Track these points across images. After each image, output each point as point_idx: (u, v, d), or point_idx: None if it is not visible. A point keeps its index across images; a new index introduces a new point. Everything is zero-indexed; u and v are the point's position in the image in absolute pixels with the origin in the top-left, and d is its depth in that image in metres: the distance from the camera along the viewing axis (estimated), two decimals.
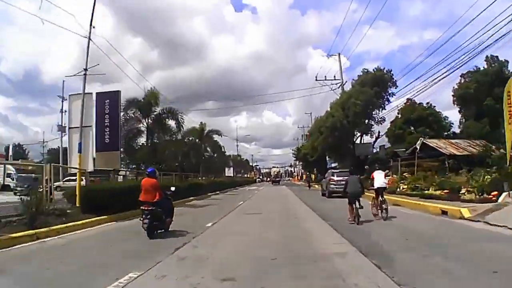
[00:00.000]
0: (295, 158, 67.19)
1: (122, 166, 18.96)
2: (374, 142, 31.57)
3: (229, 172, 53.06)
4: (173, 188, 9.65)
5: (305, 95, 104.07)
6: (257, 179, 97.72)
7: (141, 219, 7.81)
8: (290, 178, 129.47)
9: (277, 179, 75.87)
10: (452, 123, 39.56)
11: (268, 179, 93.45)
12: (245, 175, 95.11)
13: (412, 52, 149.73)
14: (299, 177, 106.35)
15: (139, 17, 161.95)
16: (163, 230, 8.21)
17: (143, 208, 7.78)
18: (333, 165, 39.78)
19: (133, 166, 25.75)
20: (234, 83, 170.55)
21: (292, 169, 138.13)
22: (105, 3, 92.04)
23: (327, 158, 40.02)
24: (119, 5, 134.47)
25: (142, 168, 20.54)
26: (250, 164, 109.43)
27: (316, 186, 41.74)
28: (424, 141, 24.42)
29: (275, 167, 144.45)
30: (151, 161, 19.76)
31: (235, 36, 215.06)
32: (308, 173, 52.88)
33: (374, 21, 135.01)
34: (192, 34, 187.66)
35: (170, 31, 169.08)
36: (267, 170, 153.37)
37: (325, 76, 32.36)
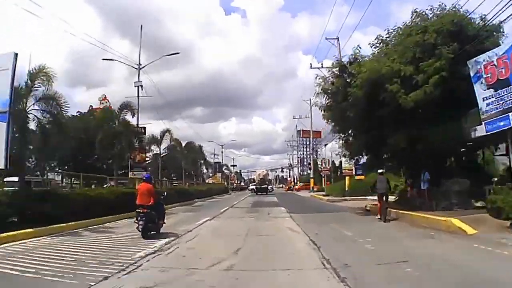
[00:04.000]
0: (322, 111, 15.95)
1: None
2: None
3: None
4: (165, 193, 11.55)
5: None
6: (230, 188, 63.71)
7: (136, 221, 8.63)
8: (283, 185, 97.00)
9: (264, 186, 46.60)
10: None
11: (252, 187, 56.24)
12: (209, 180, 62.23)
13: None
14: (295, 184, 69.04)
15: (127, 19, 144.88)
16: (154, 232, 8.90)
17: (139, 210, 8.65)
18: None
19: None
20: (224, 88, 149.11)
21: (286, 173, 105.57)
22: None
23: None
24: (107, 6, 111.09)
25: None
26: (221, 162, 73.95)
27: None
28: None
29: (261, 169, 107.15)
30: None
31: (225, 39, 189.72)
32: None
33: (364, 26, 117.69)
34: (180, 37, 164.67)
35: (158, 34, 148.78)
36: (253, 177, 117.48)
37: None
